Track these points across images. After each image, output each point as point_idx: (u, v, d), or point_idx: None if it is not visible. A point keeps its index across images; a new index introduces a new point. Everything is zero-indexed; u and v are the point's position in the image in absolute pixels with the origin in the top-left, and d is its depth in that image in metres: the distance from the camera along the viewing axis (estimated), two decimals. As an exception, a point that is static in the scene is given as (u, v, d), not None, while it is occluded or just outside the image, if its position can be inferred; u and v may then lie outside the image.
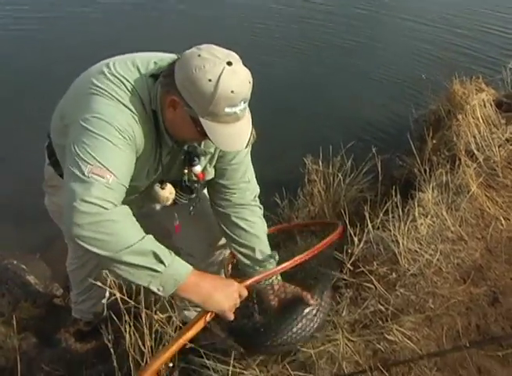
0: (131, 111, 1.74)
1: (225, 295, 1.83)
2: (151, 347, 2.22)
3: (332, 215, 3.34)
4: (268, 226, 2.36)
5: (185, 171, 2.03)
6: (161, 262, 1.68)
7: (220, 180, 2.12)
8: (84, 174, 1.62)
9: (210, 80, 1.62)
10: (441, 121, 4.02)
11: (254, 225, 2.19)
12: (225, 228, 2.23)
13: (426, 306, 2.39)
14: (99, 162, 1.64)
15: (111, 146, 1.68)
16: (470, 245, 2.74)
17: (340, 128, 4.60)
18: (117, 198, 1.68)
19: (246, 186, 2.15)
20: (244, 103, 1.70)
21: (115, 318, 2.22)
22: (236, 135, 1.74)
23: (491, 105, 3.83)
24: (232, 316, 1.87)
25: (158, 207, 2.13)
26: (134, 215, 1.74)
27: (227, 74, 1.63)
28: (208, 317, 1.87)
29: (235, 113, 1.68)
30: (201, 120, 1.69)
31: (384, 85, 5.54)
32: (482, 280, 2.57)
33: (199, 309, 2.61)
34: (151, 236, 1.71)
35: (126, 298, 2.10)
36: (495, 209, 2.96)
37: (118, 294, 2.08)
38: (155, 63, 1.82)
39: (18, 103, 5.05)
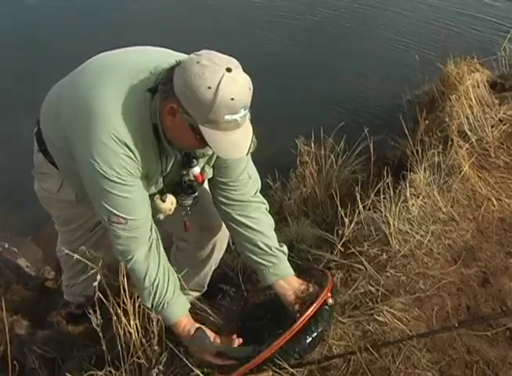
0: (128, 148, 1.77)
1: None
2: (138, 327, 2.21)
3: (324, 196, 3.31)
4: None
5: (184, 172, 2.03)
6: (154, 308, 2.05)
7: (219, 178, 2.10)
8: (106, 220, 1.91)
9: (209, 87, 1.59)
10: (434, 101, 3.99)
11: (259, 222, 2.17)
12: (229, 226, 2.22)
13: (416, 287, 2.38)
14: (113, 213, 1.87)
15: (119, 199, 1.84)
16: (461, 226, 2.72)
17: (332, 110, 4.57)
18: (136, 234, 1.94)
19: (245, 182, 2.11)
20: (244, 109, 1.66)
21: (104, 301, 2.21)
22: (236, 142, 1.71)
23: (484, 85, 3.79)
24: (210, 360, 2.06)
25: (162, 217, 2.12)
26: None
27: (226, 81, 1.60)
28: None
29: (235, 121, 1.65)
30: (201, 127, 1.66)
31: (377, 66, 5.47)
32: (473, 260, 2.56)
33: (189, 292, 2.67)
34: (158, 284, 2.01)
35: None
36: (486, 190, 2.94)
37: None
38: (150, 72, 1.78)
39: (10, 86, 5.00)
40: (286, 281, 2.17)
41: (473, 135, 3.25)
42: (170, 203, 2.06)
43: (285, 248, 2.24)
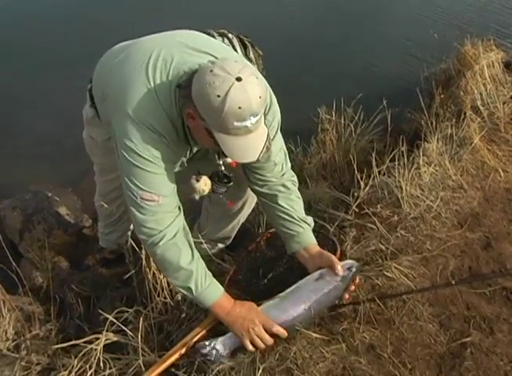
0: (159, 133, 1.80)
1: (242, 330, 1.96)
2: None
3: (342, 162, 3.33)
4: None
5: (220, 162, 2.07)
6: (191, 292, 1.95)
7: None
8: (137, 199, 1.86)
9: (218, 96, 1.61)
10: (450, 79, 3.96)
11: (286, 196, 2.16)
12: (259, 199, 2.25)
13: (423, 247, 2.41)
14: (144, 190, 1.85)
15: (150, 175, 1.84)
16: (469, 194, 2.73)
17: (353, 82, 4.52)
18: (169, 209, 1.91)
19: (271, 167, 2.10)
20: (254, 117, 1.65)
21: (137, 248, 2.28)
22: (247, 146, 1.72)
23: (499, 65, 3.75)
24: (249, 348, 1.97)
25: (197, 197, 2.15)
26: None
27: (235, 90, 1.60)
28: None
29: (245, 127, 1.66)
30: (214, 132, 1.69)
31: (397, 43, 5.39)
32: (478, 226, 2.57)
33: (214, 244, 2.70)
34: (193, 269, 1.94)
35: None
36: (495, 162, 2.94)
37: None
38: (184, 71, 1.79)
39: (59, 44, 5.07)
40: (307, 250, 2.17)
41: (485, 110, 3.24)
42: (203, 183, 2.10)
43: (310, 220, 2.25)
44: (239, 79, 1.61)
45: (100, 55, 2.14)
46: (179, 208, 1.96)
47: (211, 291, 1.98)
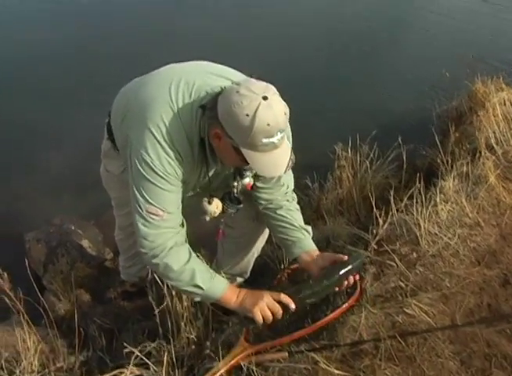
0: (177, 151, 1.83)
1: (251, 305, 1.99)
2: (188, 307, 2.31)
3: (358, 198, 3.32)
4: (301, 206, 2.36)
5: (235, 183, 2.09)
6: (200, 288, 1.96)
7: (257, 183, 2.15)
8: (142, 211, 1.89)
9: (247, 115, 1.64)
10: (462, 116, 3.98)
11: (287, 207, 2.22)
12: (263, 212, 2.26)
13: (442, 285, 2.38)
14: (152, 204, 1.87)
15: (160, 191, 1.87)
16: (485, 231, 2.71)
17: (368, 119, 4.56)
18: (171, 225, 1.94)
19: (279, 188, 2.18)
20: (281, 133, 1.70)
21: (159, 281, 2.26)
22: (274, 161, 1.76)
23: (510, 103, 3.75)
24: (259, 317, 1.98)
25: (207, 218, 2.18)
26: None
27: (263, 108, 1.64)
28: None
29: (272, 143, 1.69)
30: (242, 149, 1.72)
31: (410, 80, 5.47)
32: (495, 263, 2.54)
33: (233, 277, 2.69)
34: (194, 266, 1.97)
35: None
36: (510, 199, 2.92)
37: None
38: (206, 92, 1.83)
39: (81, 80, 5.14)
40: (309, 254, 2.21)
41: (499, 148, 3.24)
42: (215, 206, 2.13)
43: (309, 228, 2.28)
44: (265, 98, 1.65)
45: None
46: (182, 225, 2.00)
47: (219, 282, 2.02)
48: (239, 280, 2.79)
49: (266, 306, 1.98)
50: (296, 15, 7.14)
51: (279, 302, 2.01)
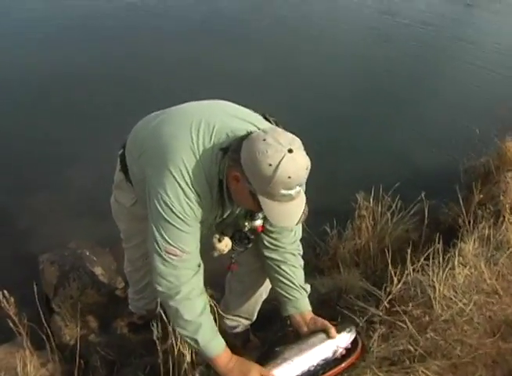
0: (196, 193, 1.82)
1: (239, 374, 1.96)
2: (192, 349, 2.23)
3: (376, 250, 3.22)
4: (317, 252, 2.31)
5: (246, 223, 2.06)
6: (198, 343, 1.95)
7: (268, 226, 2.10)
8: (161, 251, 1.87)
9: (270, 164, 1.63)
10: (489, 174, 3.86)
11: (290, 262, 2.18)
12: (265, 261, 2.22)
13: (453, 353, 2.24)
14: (171, 244, 1.86)
15: (179, 232, 1.85)
16: (503, 300, 2.56)
17: (392, 170, 4.48)
18: (189, 265, 1.92)
19: (287, 235, 2.13)
20: (300, 186, 1.70)
21: (165, 318, 2.20)
22: (289, 213, 1.75)
23: (541, 166, 3.63)
24: None
25: (216, 254, 2.16)
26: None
27: (287, 161, 1.63)
28: None
29: (290, 195, 1.69)
30: (259, 196, 1.71)
31: (438, 134, 5.36)
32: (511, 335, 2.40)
33: (239, 319, 2.61)
34: (202, 322, 1.95)
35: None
36: (531, 267, 2.78)
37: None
38: (227, 134, 1.82)
39: (97, 107, 5.15)
40: (303, 316, 2.18)
41: (525, 214, 3.10)
42: (225, 245, 2.11)
43: (308, 287, 2.24)
44: (290, 151, 1.64)
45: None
46: (199, 265, 1.98)
47: (216, 344, 1.99)
48: (246, 323, 2.71)
49: None
50: (324, 56, 7.12)
51: None
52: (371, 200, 3.32)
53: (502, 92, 6.52)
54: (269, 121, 2.02)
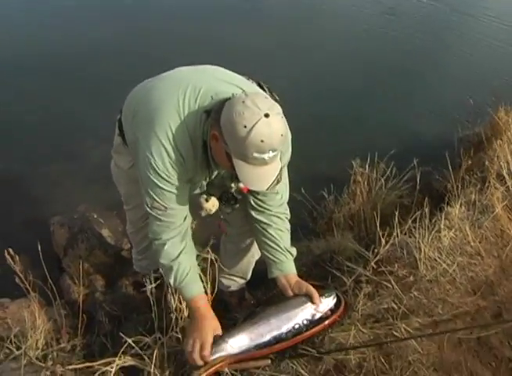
0: (180, 154, 1.86)
1: (191, 330, 2.03)
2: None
3: (370, 214, 3.25)
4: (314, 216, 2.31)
5: (232, 185, 2.10)
6: (170, 285, 2.09)
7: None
8: (148, 205, 1.98)
9: (245, 126, 1.64)
10: (481, 143, 3.86)
11: (276, 226, 2.20)
12: (252, 224, 2.25)
13: (435, 311, 2.33)
14: (156, 201, 1.95)
15: (162, 191, 1.92)
16: (485, 261, 2.63)
17: (388, 138, 4.47)
18: (173, 219, 2.01)
19: (273, 197, 2.15)
20: (273, 152, 1.69)
21: (164, 275, 2.22)
22: (260, 176, 1.76)
23: (531, 135, 3.63)
24: (185, 347, 2.01)
25: (203, 214, 2.21)
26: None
27: (261, 124, 1.64)
28: None
29: (262, 159, 1.69)
30: (233, 158, 1.73)
31: (434, 104, 5.33)
32: (491, 295, 2.47)
33: (234, 278, 2.70)
34: (171, 265, 2.04)
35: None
36: (515, 231, 2.83)
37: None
38: (211, 97, 1.84)
39: (108, 81, 5.17)
40: (287, 278, 2.21)
41: (510, 179, 3.12)
42: (211, 204, 2.16)
43: (294, 250, 2.26)
44: (267, 115, 1.65)
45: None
46: (185, 219, 2.05)
47: (189, 289, 2.07)
48: (241, 281, 2.79)
49: (197, 344, 1.98)
50: (324, 34, 7.04)
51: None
52: (367, 166, 3.35)
53: (500, 64, 6.44)
54: (263, 88, 2.04)
